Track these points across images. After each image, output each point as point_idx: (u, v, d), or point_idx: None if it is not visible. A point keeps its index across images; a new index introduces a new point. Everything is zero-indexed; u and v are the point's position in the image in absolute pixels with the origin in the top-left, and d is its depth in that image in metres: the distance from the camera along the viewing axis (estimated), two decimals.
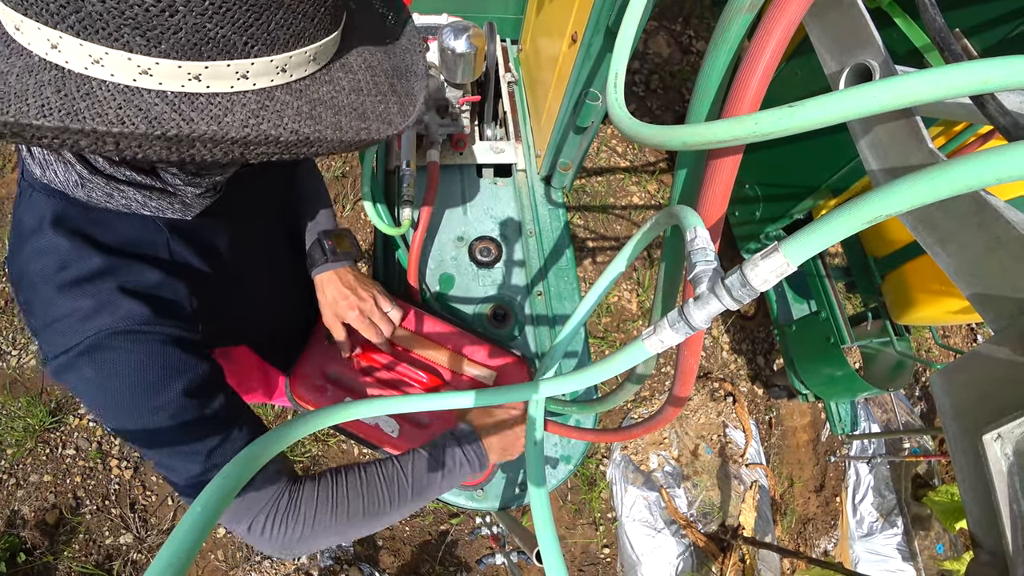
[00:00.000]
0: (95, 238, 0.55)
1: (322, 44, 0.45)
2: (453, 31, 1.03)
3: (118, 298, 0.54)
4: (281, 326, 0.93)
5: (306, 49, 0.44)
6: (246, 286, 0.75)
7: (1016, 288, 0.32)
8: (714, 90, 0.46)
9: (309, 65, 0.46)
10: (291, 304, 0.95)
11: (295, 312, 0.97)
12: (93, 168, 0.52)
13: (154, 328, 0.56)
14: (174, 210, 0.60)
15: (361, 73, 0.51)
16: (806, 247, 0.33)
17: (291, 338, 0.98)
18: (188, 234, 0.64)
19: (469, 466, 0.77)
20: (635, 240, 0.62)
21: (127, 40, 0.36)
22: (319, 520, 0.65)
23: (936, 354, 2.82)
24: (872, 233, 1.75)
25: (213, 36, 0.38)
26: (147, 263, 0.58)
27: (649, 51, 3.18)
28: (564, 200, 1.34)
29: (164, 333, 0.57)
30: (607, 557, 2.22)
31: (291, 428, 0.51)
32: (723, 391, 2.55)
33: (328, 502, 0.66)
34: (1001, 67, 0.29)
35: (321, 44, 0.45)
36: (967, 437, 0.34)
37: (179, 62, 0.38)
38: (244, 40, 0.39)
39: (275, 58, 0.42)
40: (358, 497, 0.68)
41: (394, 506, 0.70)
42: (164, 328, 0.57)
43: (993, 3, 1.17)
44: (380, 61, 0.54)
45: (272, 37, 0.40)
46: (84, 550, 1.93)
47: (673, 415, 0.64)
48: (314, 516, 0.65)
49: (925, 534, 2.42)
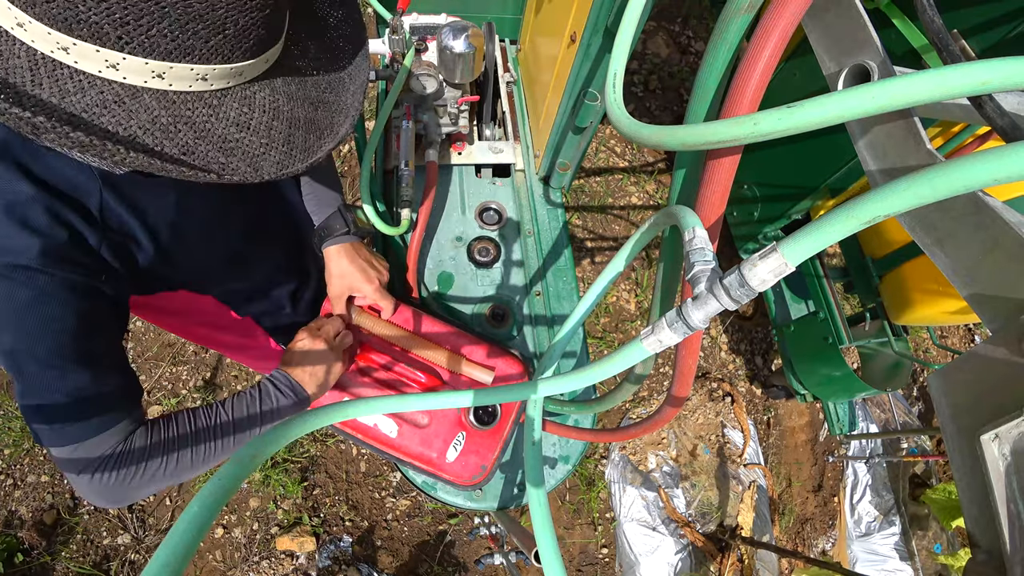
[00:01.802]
0: (28, 168, 0.56)
1: (215, 68, 0.45)
2: (452, 31, 1.03)
3: (19, 232, 0.55)
4: (258, 280, 0.94)
5: (192, 66, 0.44)
6: (200, 240, 0.76)
7: (1014, 288, 0.32)
8: (713, 90, 0.46)
9: (197, 82, 0.46)
10: (267, 259, 0.95)
11: (274, 267, 0.97)
12: None
13: (46, 269, 0.57)
14: (101, 162, 0.58)
15: (259, 112, 0.51)
16: (804, 247, 0.33)
17: (271, 293, 0.98)
18: (127, 186, 0.63)
19: (285, 397, 0.80)
20: (633, 240, 0.62)
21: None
22: (151, 470, 0.67)
23: (934, 354, 2.83)
24: (870, 233, 1.75)
25: (85, 19, 0.39)
26: (71, 207, 0.59)
27: (648, 51, 3.19)
28: (563, 200, 1.34)
29: (56, 275, 0.58)
30: (605, 557, 2.22)
31: (289, 427, 0.50)
32: (721, 391, 2.55)
33: (158, 455, 0.68)
34: (999, 68, 0.29)
35: (214, 68, 0.45)
36: (965, 437, 0.34)
37: (49, 29, 0.39)
38: (118, 34, 0.40)
39: (151, 62, 0.42)
40: (186, 447, 0.71)
41: (219, 450, 0.74)
42: (57, 271, 0.58)
43: (991, 4, 1.17)
44: (295, 108, 0.54)
45: (152, 43, 0.41)
46: (82, 550, 1.92)
47: (671, 415, 0.64)
48: (143, 470, 0.67)
49: (923, 534, 2.43)
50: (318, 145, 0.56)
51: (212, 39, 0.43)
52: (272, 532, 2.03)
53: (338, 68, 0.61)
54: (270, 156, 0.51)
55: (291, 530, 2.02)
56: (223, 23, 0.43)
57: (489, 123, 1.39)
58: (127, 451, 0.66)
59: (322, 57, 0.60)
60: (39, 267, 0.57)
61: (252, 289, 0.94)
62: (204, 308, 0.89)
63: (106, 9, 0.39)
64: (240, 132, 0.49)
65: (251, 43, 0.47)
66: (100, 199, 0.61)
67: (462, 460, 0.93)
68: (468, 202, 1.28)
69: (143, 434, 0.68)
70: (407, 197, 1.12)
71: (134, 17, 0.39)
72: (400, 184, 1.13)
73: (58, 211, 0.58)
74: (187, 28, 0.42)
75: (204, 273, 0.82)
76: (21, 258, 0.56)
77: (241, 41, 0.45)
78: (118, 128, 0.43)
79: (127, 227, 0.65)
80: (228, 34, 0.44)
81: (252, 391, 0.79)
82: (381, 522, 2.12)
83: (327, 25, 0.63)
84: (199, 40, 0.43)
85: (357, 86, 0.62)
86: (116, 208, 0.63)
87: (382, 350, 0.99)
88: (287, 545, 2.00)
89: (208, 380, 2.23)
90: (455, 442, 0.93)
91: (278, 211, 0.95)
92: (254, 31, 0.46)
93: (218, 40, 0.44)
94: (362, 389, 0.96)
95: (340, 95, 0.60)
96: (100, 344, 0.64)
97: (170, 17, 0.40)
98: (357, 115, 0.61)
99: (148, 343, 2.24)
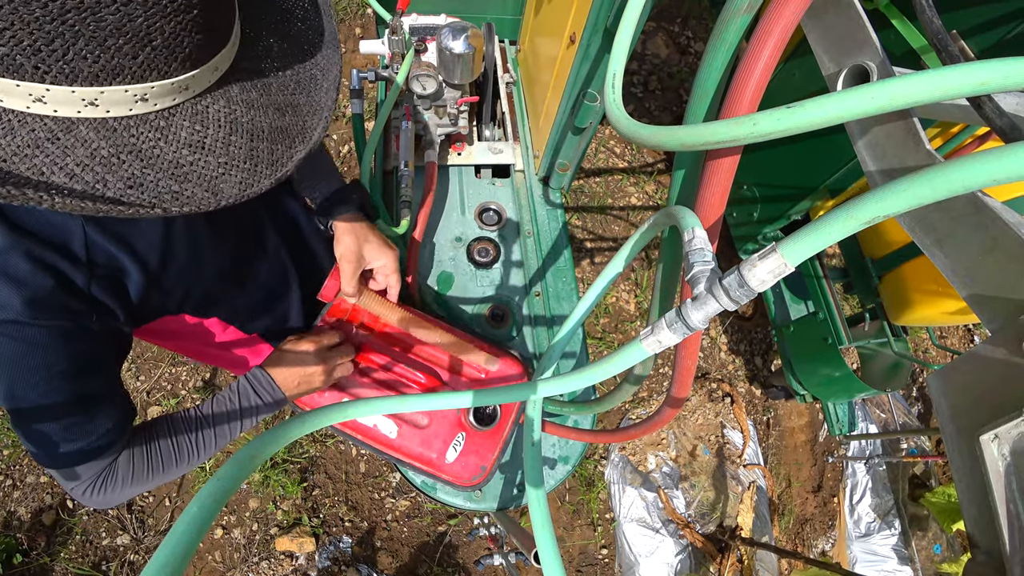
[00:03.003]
0: (6, 214, 0.53)
1: (154, 85, 0.41)
2: (451, 31, 1.03)
3: (1, 285, 0.53)
4: (260, 295, 0.92)
5: (126, 87, 0.39)
6: (193, 264, 0.74)
7: (1013, 288, 0.32)
8: (712, 91, 0.46)
9: (137, 104, 0.41)
10: (268, 272, 0.93)
11: (276, 279, 0.95)
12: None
13: (34, 321, 0.56)
14: None
15: (214, 128, 0.45)
16: (804, 248, 0.33)
17: (274, 306, 0.97)
18: (110, 219, 0.61)
19: (260, 398, 0.80)
20: (633, 241, 0.62)
21: None
22: (136, 479, 0.71)
23: (933, 355, 2.83)
24: (870, 234, 1.76)
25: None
26: (53, 250, 0.56)
27: (647, 52, 3.19)
28: (562, 201, 1.34)
29: (44, 325, 0.56)
30: (605, 558, 2.22)
31: (288, 428, 0.50)
32: (721, 392, 2.55)
33: (144, 463, 0.72)
34: (998, 69, 0.29)
35: (152, 85, 0.41)
36: (964, 438, 0.34)
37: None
38: (34, 64, 0.36)
39: (79, 90, 0.38)
40: (170, 453, 0.74)
41: (201, 452, 0.77)
42: (45, 320, 0.56)
43: (991, 5, 1.17)
44: (256, 116, 0.49)
45: (72, 68, 0.37)
46: (81, 551, 1.92)
47: (671, 416, 0.64)
48: (131, 477, 0.71)
49: (922, 535, 2.43)
50: (288, 155, 0.51)
51: (139, 54, 0.38)
52: (271, 533, 2.03)
53: (307, 65, 0.55)
54: (230, 176, 0.46)
55: (290, 531, 2.02)
56: (147, 34, 0.38)
57: (489, 124, 1.39)
58: (115, 467, 0.69)
59: (288, 55, 0.55)
60: (26, 320, 0.55)
61: (254, 304, 0.92)
62: (209, 329, 0.87)
63: (12, 39, 0.34)
64: (194, 154, 0.44)
65: (187, 51, 0.41)
66: (84, 236, 0.59)
67: (462, 461, 0.92)
68: (468, 203, 1.28)
69: (128, 448, 0.71)
70: (407, 198, 1.12)
71: (44, 43, 0.35)
72: (400, 185, 1.13)
73: (40, 256, 0.55)
74: (106, 46, 0.37)
75: (203, 295, 0.80)
76: (8, 312, 0.54)
77: (176, 51, 0.40)
78: (52, 171, 0.38)
79: (115, 260, 0.63)
80: (156, 45, 0.39)
81: (230, 389, 0.80)
82: (381, 523, 2.12)
83: (292, 17, 0.57)
84: (124, 57, 0.38)
85: (330, 82, 0.57)
86: (102, 243, 0.60)
87: (382, 350, 0.99)
88: (286, 546, 2.00)
89: (207, 380, 2.22)
90: (455, 443, 0.93)
91: (273, 218, 0.93)
92: (187, 37, 0.41)
93: (147, 54, 0.39)
94: (362, 390, 0.96)
95: (312, 94, 0.55)
96: (93, 383, 0.64)
97: (83, 36, 0.36)
98: (331, 113, 0.56)
99: (148, 343, 2.24)
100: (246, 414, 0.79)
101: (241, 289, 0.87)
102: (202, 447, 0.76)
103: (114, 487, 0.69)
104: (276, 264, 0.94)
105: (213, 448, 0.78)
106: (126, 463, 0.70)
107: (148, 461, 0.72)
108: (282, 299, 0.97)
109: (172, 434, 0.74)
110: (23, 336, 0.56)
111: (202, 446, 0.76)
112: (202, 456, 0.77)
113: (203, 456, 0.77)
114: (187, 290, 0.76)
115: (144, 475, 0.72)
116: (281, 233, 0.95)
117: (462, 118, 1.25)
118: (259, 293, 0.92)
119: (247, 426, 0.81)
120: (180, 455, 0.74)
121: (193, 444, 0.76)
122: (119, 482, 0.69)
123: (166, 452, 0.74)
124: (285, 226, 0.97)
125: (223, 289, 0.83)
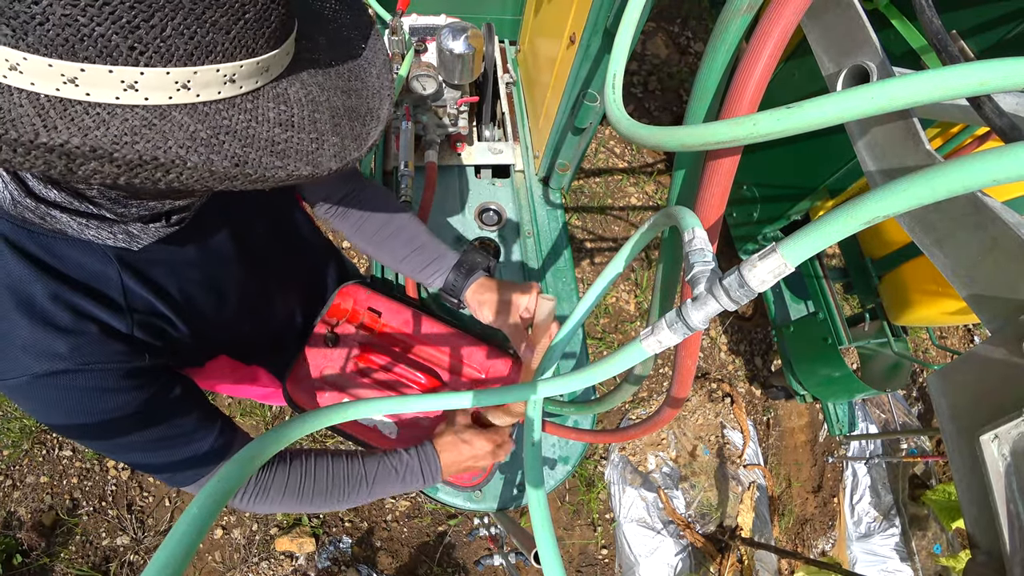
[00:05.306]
0: (45, 263, 0.53)
1: (243, 64, 0.40)
2: (451, 32, 1.03)
3: (48, 336, 0.53)
4: (267, 331, 0.91)
5: (218, 67, 0.38)
6: (219, 304, 0.73)
7: (1013, 288, 0.32)
8: (712, 91, 0.46)
9: (226, 86, 0.40)
10: (277, 308, 0.93)
11: (282, 315, 0.95)
12: (24, 187, 0.48)
13: (86, 366, 0.55)
14: (116, 239, 0.55)
15: (298, 107, 0.46)
16: (804, 248, 0.33)
17: (280, 340, 0.97)
18: (144, 265, 0.61)
19: (423, 482, 0.84)
20: (633, 241, 0.62)
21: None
22: (284, 502, 0.74)
23: (933, 355, 2.83)
24: (870, 234, 1.76)
25: (89, 33, 0.32)
26: (92, 299, 0.56)
27: (647, 52, 3.19)
28: (562, 201, 1.34)
29: (96, 369, 0.56)
30: (605, 558, 2.22)
31: (288, 428, 0.51)
32: (721, 392, 2.55)
33: (295, 490, 0.75)
34: (998, 69, 0.29)
35: (241, 64, 0.40)
36: (964, 438, 0.34)
37: (49, 60, 0.33)
38: (130, 44, 0.34)
39: (173, 71, 0.36)
40: (322, 491, 0.76)
41: (349, 500, 0.79)
42: (96, 365, 0.56)
43: (990, 5, 1.17)
44: (331, 97, 0.49)
45: (168, 45, 0.35)
46: (81, 552, 1.92)
47: (671, 416, 0.64)
48: (281, 498, 0.74)
49: (922, 534, 2.43)
50: (366, 131, 0.51)
51: (233, 28, 0.38)
52: (271, 533, 2.03)
53: (353, 55, 0.56)
54: (324, 149, 0.47)
55: (290, 531, 2.02)
56: (242, 5, 0.37)
57: (488, 124, 1.39)
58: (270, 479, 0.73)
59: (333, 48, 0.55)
60: (77, 367, 0.54)
61: (266, 340, 0.92)
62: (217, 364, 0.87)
63: (110, 16, 0.32)
64: (286, 132, 0.44)
65: (273, 26, 0.41)
66: (121, 283, 0.58)
67: None
68: (468, 203, 1.28)
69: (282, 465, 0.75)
70: (407, 198, 1.12)
71: (144, 18, 0.33)
72: (400, 185, 1.13)
73: (79, 306, 0.55)
74: (204, 19, 0.36)
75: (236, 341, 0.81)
76: (59, 363, 0.53)
77: (263, 26, 0.40)
78: (156, 152, 0.36)
79: (153, 307, 0.63)
80: (249, 19, 0.38)
81: (399, 459, 0.83)
82: (380, 523, 2.12)
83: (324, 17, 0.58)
84: (219, 32, 0.37)
85: (380, 68, 0.57)
86: (138, 290, 0.60)
87: (382, 350, 0.99)
88: (286, 546, 2.00)
89: None
90: None
91: (300, 259, 0.95)
92: (275, 11, 0.41)
93: (239, 28, 0.38)
94: (362, 390, 0.96)
95: (365, 80, 0.55)
96: (169, 416, 0.65)
97: (184, 9, 0.34)
98: (393, 95, 0.57)
99: None
100: (401, 485, 0.82)
101: (261, 329, 0.88)
102: (353, 494, 0.79)
103: (264, 499, 0.72)
104: (294, 307, 0.96)
105: (363, 499, 0.80)
106: (281, 479, 0.73)
107: (301, 485, 0.75)
108: (290, 333, 0.99)
109: (330, 470, 0.77)
110: (77, 383, 0.55)
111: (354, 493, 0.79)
112: (349, 501, 0.79)
113: (350, 501, 0.79)
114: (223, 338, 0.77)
115: (296, 498, 0.75)
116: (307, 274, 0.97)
117: (462, 118, 1.25)
118: (273, 331, 0.93)
119: (395, 493, 0.84)
120: (331, 493, 0.77)
121: (346, 487, 0.78)
122: (270, 497, 0.73)
123: (319, 486, 0.76)
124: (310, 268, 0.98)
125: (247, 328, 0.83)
